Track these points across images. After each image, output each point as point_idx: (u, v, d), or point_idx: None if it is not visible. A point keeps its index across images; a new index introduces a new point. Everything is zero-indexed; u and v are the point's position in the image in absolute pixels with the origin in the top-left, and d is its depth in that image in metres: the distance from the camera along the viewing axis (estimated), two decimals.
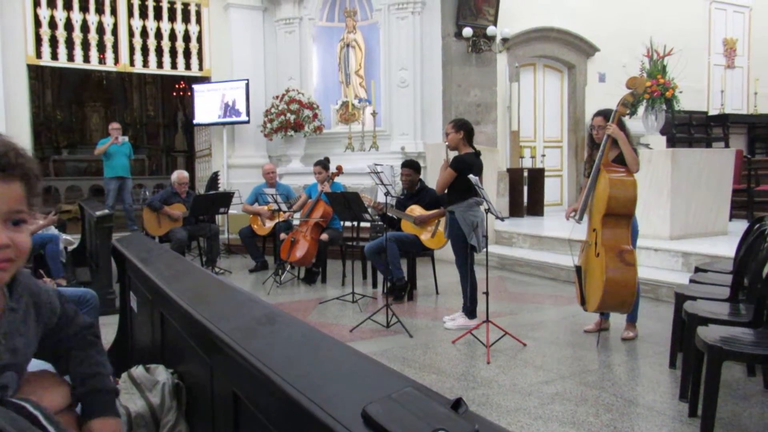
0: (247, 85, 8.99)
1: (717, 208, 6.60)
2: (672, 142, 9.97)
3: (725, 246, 5.56)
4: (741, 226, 4.88)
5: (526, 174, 9.39)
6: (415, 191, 5.64)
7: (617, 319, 4.29)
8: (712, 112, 11.57)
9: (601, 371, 3.57)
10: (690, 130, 11.13)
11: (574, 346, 4.03)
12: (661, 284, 5.25)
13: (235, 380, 1.34)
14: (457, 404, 0.83)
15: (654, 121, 6.61)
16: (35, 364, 1.45)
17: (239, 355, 1.22)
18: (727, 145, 11.03)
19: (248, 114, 9.01)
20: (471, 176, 4.12)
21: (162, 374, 1.97)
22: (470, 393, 3.23)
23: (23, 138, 8.18)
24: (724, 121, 11.37)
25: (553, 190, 10.02)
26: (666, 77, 6.30)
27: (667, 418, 2.88)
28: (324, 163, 6.33)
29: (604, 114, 4.03)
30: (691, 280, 3.94)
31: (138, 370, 2.02)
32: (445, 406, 0.84)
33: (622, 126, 3.95)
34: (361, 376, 1.04)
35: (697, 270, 4.24)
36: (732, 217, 7.23)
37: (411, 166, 5.63)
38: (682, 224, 6.28)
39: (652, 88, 6.26)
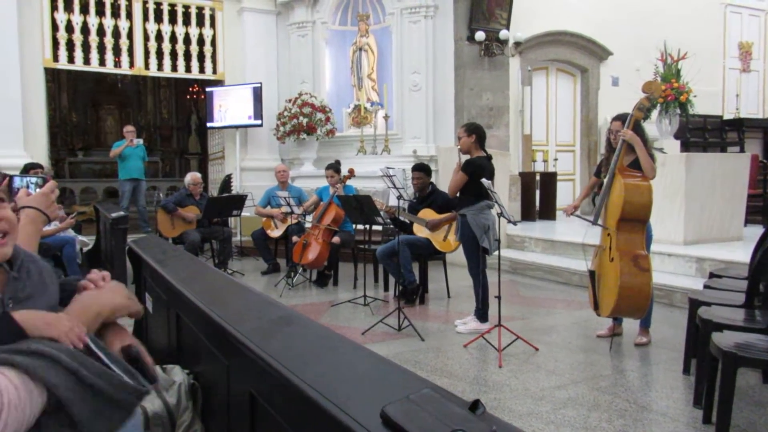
0: (260, 88, 9.04)
1: (732, 213, 6.55)
2: (686, 147, 9.90)
3: (740, 251, 5.51)
4: (756, 231, 4.85)
5: (538, 178, 9.37)
6: (426, 194, 5.65)
7: (630, 325, 4.27)
8: (727, 116, 11.47)
9: (614, 376, 3.55)
10: (704, 135, 11.05)
11: (586, 351, 4.02)
12: (675, 290, 5.21)
13: (252, 381, 1.36)
14: (475, 405, 0.84)
15: (668, 125, 6.57)
16: None
17: (257, 356, 1.24)
18: (742, 150, 10.92)
19: (261, 117, 9.07)
20: (483, 180, 4.13)
21: (178, 374, 1.99)
22: (482, 397, 3.23)
23: (39, 140, 8.31)
24: (740, 125, 11.27)
25: (565, 194, 9.98)
26: (680, 81, 6.26)
27: (681, 424, 2.86)
28: (335, 167, 6.36)
29: (623, 119, 4.00)
30: (706, 286, 3.91)
31: None
32: (462, 407, 0.85)
33: (639, 131, 3.92)
34: (378, 378, 1.05)
35: (712, 275, 4.21)
36: (747, 222, 7.16)
37: (421, 169, 5.65)
38: (696, 229, 6.23)
39: (666, 92, 6.22)
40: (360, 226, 6.24)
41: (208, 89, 9.63)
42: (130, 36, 8.91)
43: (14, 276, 1.30)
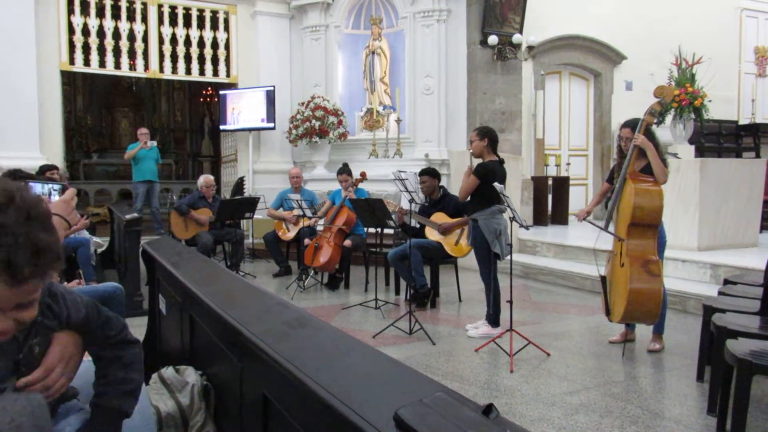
0: (273, 91, 9.09)
1: (747, 219, 6.48)
2: (701, 152, 9.82)
3: (755, 258, 5.45)
4: None
5: (550, 182, 9.33)
6: (438, 198, 5.64)
7: (643, 331, 4.23)
8: (743, 122, 11.35)
9: (626, 383, 3.53)
10: (719, 140, 10.94)
11: (598, 357, 3.99)
12: (688, 296, 5.16)
13: (265, 383, 1.37)
14: (488, 409, 0.85)
15: (682, 130, 6.52)
16: None
17: (271, 357, 1.24)
18: (758, 155, 10.80)
19: (274, 120, 9.11)
20: (496, 184, 4.12)
21: (191, 376, 2.01)
22: (493, 402, 3.21)
23: (55, 142, 8.40)
24: (755, 130, 11.14)
25: (577, 198, 9.93)
26: (695, 86, 6.22)
27: None
28: (347, 170, 6.38)
29: (632, 125, 3.99)
30: (720, 293, 3.88)
31: (168, 372, 2.06)
32: (476, 411, 0.85)
33: (651, 135, 3.90)
34: (392, 381, 1.05)
35: (726, 282, 4.17)
36: (762, 228, 7.09)
37: (428, 173, 5.64)
38: (710, 235, 6.18)
39: (681, 96, 6.18)
40: (371, 230, 6.25)
41: (221, 92, 9.70)
42: (145, 39, 9.00)
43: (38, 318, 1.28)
